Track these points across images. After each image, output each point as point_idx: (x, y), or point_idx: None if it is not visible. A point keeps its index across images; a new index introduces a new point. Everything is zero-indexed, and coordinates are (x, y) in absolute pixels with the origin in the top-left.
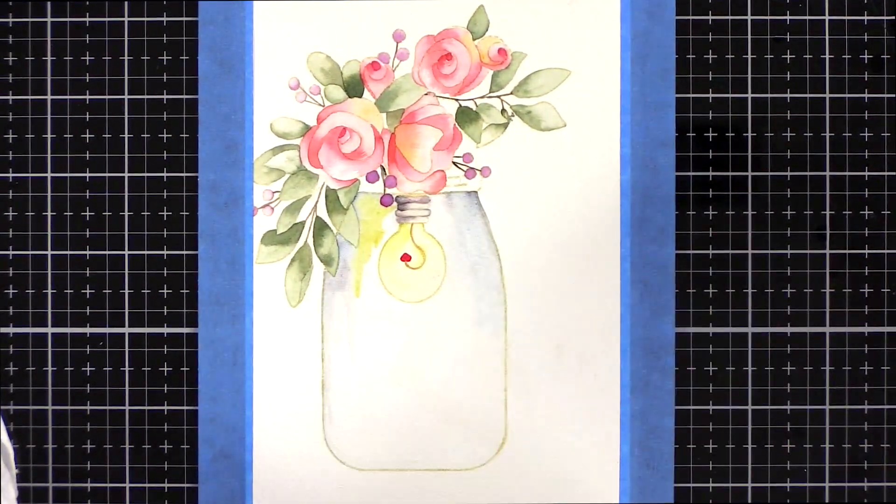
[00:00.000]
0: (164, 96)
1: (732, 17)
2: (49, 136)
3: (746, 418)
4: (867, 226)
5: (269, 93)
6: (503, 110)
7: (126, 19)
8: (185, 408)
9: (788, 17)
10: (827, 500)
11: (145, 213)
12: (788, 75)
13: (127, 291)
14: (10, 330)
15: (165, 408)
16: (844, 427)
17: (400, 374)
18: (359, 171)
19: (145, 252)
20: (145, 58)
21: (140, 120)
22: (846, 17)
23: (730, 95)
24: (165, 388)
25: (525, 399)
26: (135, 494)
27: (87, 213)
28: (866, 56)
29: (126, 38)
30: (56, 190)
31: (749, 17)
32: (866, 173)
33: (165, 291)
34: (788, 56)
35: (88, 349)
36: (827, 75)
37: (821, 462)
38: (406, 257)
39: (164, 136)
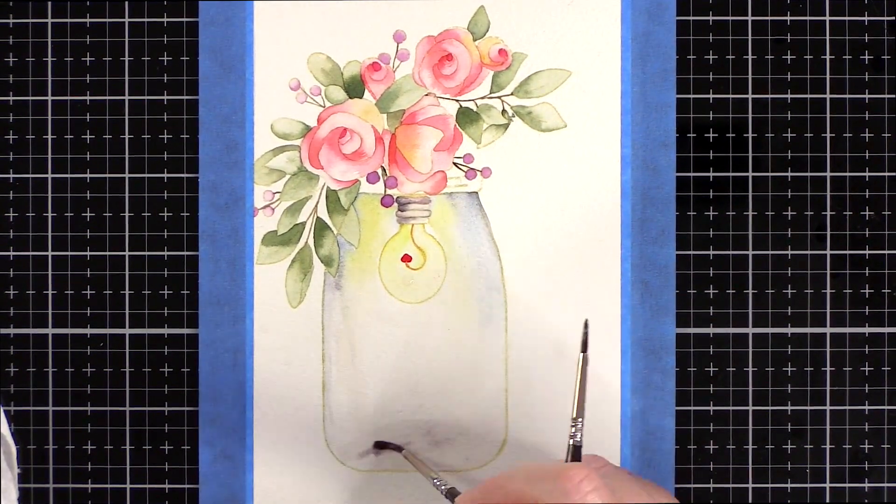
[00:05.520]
0: (165, 97)
1: (733, 18)
2: (50, 136)
3: (747, 419)
4: (868, 226)
5: (270, 94)
6: (504, 111)
7: (127, 20)
8: (185, 408)
9: (789, 18)
10: (828, 501)
11: (146, 214)
12: (789, 76)
13: (127, 292)
14: (11, 331)
15: (166, 408)
16: (845, 428)
17: (400, 375)
18: (359, 172)
19: (146, 253)
20: (146, 58)
21: (140, 121)
22: (847, 18)
23: (730, 96)
24: (166, 389)
25: (525, 400)
26: (135, 495)
27: (88, 214)
28: (867, 57)
29: (127, 39)
30: (57, 191)
31: (750, 18)
32: (867, 174)
33: (166, 292)
34: (789, 57)
35: (89, 350)
36: (827, 76)
37: (821, 463)
38: (407, 258)
39: (165, 136)
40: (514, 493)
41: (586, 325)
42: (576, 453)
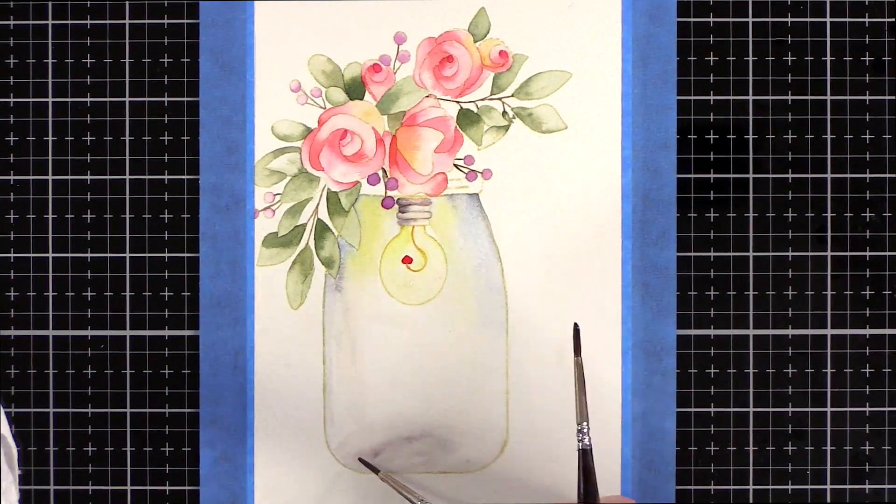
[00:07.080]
0: (166, 99)
1: (734, 20)
2: (50, 138)
3: (748, 420)
4: (868, 228)
5: (271, 95)
6: (504, 112)
7: (127, 22)
8: (186, 410)
9: (790, 20)
10: (828, 502)
11: (146, 216)
12: (790, 77)
13: (128, 294)
14: (12, 332)
15: (167, 410)
16: (846, 429)
17: (401, 377)
18: (360, 174)
19: (146, 255)
20: (146, 60)
21: (141, 122)
22: (847, 20)
23: (731, 97)
24: (167, 391)
25: (526, 401)
26: (136, 497)
27: (89, 216)
28: (867, 58)
29: (127, 41)
30: (57, 192)
31: (750, 20)
32: (867, 175)
33: (167, 294)
34: (789, 58)
35: (90, 352)
36: (828, 77)
37: (822, 464)
38: (407, 260)
39: (166, 138)
40: None
41: (577, 329)
42: (586, 458)
